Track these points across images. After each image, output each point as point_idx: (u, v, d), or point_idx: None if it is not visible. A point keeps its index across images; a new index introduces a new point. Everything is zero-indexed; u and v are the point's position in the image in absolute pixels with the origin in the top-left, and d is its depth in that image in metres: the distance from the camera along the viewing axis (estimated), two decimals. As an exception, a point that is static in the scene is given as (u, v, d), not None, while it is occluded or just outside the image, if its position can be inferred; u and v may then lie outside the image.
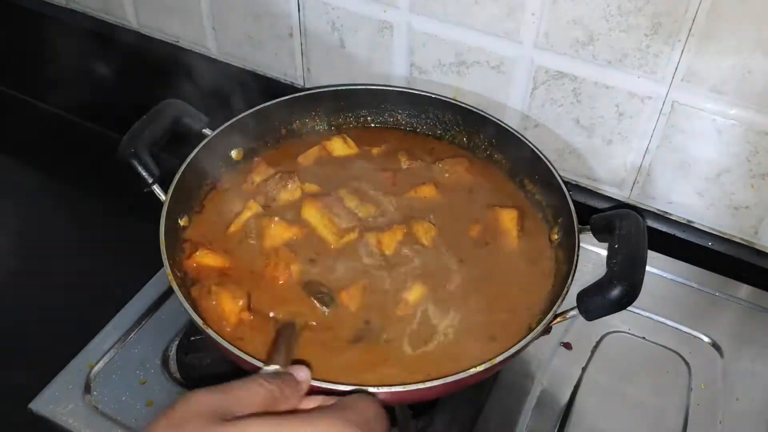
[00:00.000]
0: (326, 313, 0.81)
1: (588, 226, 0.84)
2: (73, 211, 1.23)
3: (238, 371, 0.76)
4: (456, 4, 0.99)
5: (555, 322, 0.76)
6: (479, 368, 0.70)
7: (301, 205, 0.90)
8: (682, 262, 1.03)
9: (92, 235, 1.18)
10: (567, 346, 0.93)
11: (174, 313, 0.95)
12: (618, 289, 0.72)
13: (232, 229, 0.90)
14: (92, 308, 1.02)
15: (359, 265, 0.86)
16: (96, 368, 0.89)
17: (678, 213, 1.04)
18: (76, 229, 1.21)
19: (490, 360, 0.70)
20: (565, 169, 1.07)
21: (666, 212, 1.04)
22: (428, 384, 0.68)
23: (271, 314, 0.81)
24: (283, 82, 1.24)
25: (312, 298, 0.82)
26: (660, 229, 1.04)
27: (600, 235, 0.82)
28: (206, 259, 0.85)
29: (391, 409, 0.81)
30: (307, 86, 1.23)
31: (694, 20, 0.85)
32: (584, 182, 1.08)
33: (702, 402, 0.88)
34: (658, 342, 0.94)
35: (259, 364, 0.70)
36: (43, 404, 0.85)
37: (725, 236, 1.02)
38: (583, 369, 0.91)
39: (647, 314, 0.97)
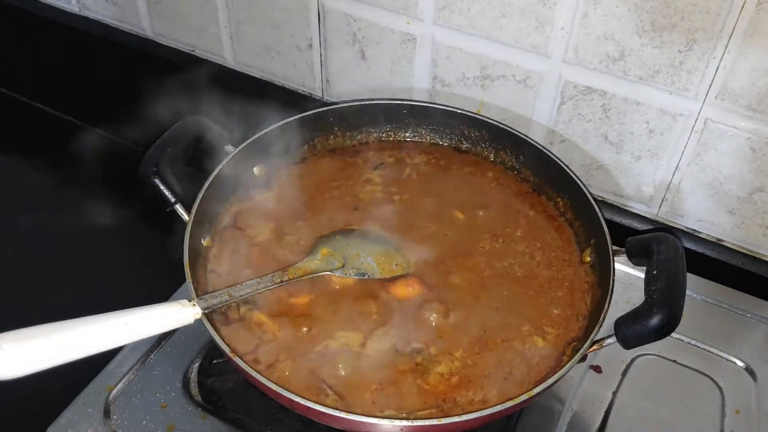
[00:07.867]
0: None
1: (623, 249, 0.81)
2: (89, 225, 1.21)
3: (262, 395, 0.75)
4: (482, 17, 0.97)
5: (591, 350, 0.74)
6: (516, 401, 0.68)
7: None
8: (712, 282, 1.01)
9: (110, 251, 1.16)
10: (596, 369, 0.91)
11: (194, 334, 0.92)
12: (658, 318, 0.69)
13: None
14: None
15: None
16: (115, 391, 0.86)
17: (708, 231, 1.01)
18: (96, 244, 1.18)
19: (527, 392, 0.68)
20: (591, 185, 1.04)
21: (695, 230, 1.02)
22: (463, 417, 0.66)
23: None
24: (301, 92, 1.22)
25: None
26: (689, 247, 1.02)
27: (636, 259, 0.79)
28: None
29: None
30: (325, 97, 1.20)
31: (730, 37, 0.83)
32: (611, 198, 1.06)
33: (737, 429, 0.85)
34: (689, 365, 0.92)
35: (287, 394, 0.68)
36: (62, 429, 0.83)
37: (757, 256, 0.99)
38: (614, 393, 0.89)
39: (677, 336, 0.95)
